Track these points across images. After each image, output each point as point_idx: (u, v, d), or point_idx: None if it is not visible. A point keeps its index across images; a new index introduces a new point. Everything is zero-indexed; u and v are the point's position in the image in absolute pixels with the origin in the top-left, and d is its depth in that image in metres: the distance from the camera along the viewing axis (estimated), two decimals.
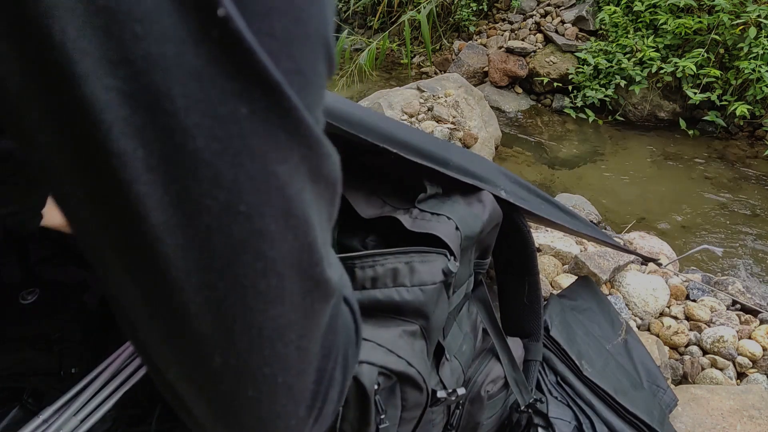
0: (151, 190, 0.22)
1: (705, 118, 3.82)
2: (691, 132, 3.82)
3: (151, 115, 0.20)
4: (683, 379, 1.43)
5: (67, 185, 0.23)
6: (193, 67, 0.21)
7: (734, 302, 1.67)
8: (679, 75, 3.75)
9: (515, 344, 0.97)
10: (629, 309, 1.57)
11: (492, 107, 3.80)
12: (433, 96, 3.32)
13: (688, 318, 1.58)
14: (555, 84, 4.21)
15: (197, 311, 0.24)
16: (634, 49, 3.93)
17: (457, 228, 0.74)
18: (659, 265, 1.70)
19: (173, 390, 0.28)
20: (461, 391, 0.71)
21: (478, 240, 0.79)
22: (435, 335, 0.70)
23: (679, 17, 3.81)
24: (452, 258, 0.70)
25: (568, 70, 4.16)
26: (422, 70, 4.95)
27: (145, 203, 0.22)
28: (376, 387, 0.57)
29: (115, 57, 0.19)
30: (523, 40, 4.49)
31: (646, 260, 1.69)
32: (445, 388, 0.74)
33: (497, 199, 0.86)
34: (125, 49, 0.19)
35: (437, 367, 0.74)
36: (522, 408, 0.91)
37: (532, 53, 4.37)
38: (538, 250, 1.74)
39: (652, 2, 3.92)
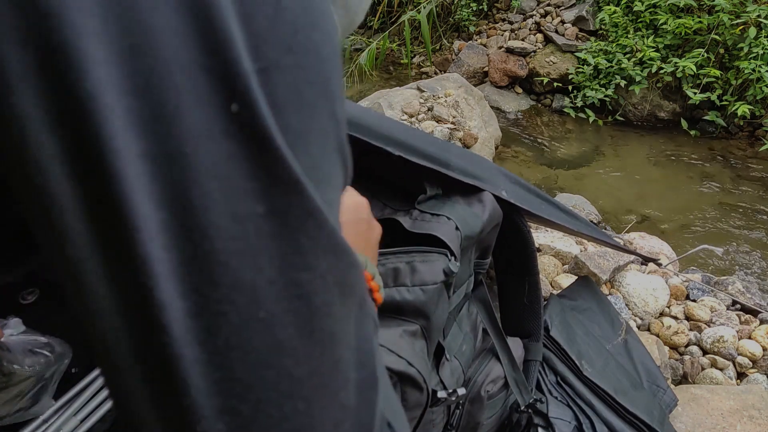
0: (171, 299, 0.20)
1: (705, 118, 3.82)
2: (693, 133, 3.82)
3: (171, 214, 0.20)
4: (683, 379, 1.43)
5: (88, 288, 0.21)
6: (211, 164, 0.20)
7: (734, 302, 1.67)
8: (679, 75, 3.75)
9: (515, 344, 0.97)
10: (629, 309, 1.57)
11: (492, 107, 3.80)
12: (433, 96, 3.32)
13: (688, 318, 1.58)
14: (555, 84, 4.21)
15: None
16: (634, 49, 3.93)
17: (457, 228, 0.74)
18: (659, 265, 1.70)
19: None
20: (461, 391, 0.71)
21: (479, 240, 0.79)
22: (435, 335, 0.70)
23: (679, 17, 3.81)
24: (453, 258, 0.70)
25: (568, 70, 4.16)
26: (422, 70, 4.95)
27: (165, 313, 0.20)
28: None
29: (142, 153, 0.20)
30: (523, 40, 4.49)
31: (646, 260, 1.69)
32: (445, 388, 0.74)
33: (497, 199, 0.86)
34: (151, 146, 0.20)
35: (437, 367, 0.74)
36: (522, 408, 0.91)
37: (532, 53, 4.37)
38: (538, 250, 1.74)
39: (652, 2, 3.92)
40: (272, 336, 0.22)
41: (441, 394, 0.68)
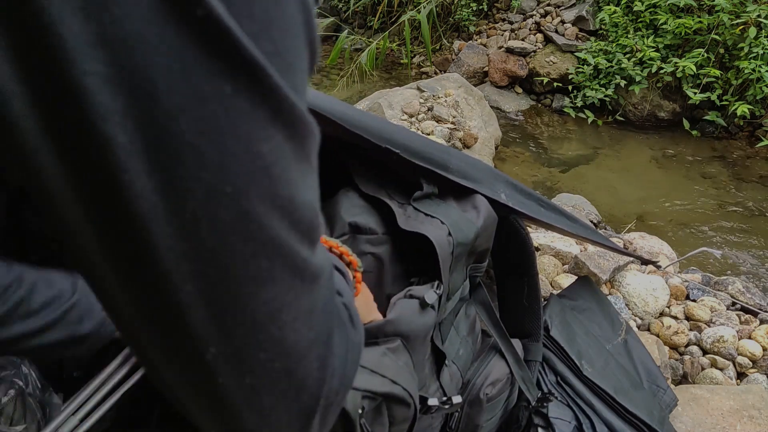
0: (135, 178, 0.21)
1: (705, 118, 3.82)
2: (694, 133, 3.82)
3: (132, 99, 0.20)
4: (683, 379, 1.43)
5: (51, 175, 0.22)
6: (175, 48, 0.20)
7: (734, 302, 1.67)
8: (679, 75, 3.75)
9: (515, 345, 0.97)
10: (629, 309, 1.57)
11: (492, 107, 3.80)
12: (433, 96, 3.32)
13: (688, 318, 1.58)
14: (555, 84, 4.21)
15: (189, 302, 0.24)
16: (634, 49, 3.93)
17: (449, 234, 0.73)
18: (658, 267, 1.70)
19: (178, 399, 0.28)
20: (457, 399, 0.69)
21: (473, 246, 0.79)
22: (419, 346, 0.69)
23: (679, 17, 3.81)
24: (437, 284, 0.69)
25: (568, 70, 4.16)
26: (422, 70, 4.95)
27: (129, 191, 0.21)
28: (360, 411, 0.57)
29: (93, 40, 0.20)
30: (523, 40, 4.48)
31: (645, 262, 1.69)
32: (445, 393, 0.73)
33: (494, 203, 0.86)
34: (104, 32, 0.20)
35: (438, 373, 0.73)
36: (532, 404, 0.91)
37: (532, 53, 4.37)
38: (537, 249, 1.74)
39: (652, 2, 3.92)
40: (238, 207, 0.23)
41: (432, 401, 0.67)
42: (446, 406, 0.68)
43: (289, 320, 0.27)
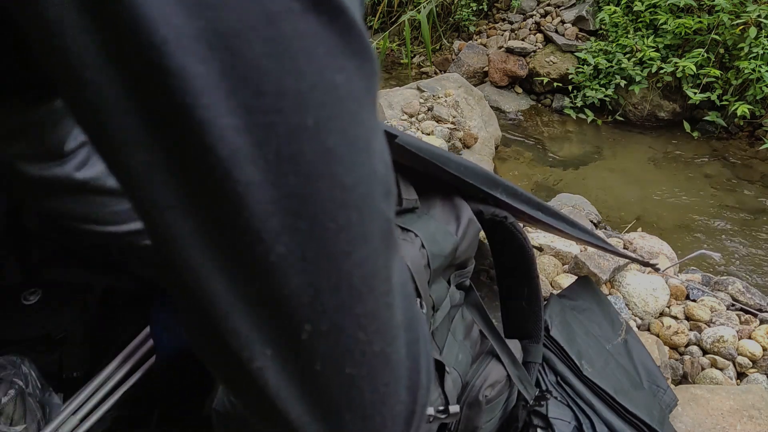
0: (214, 114, 0.19)
1: (705, 118, 3.82)
2: (695, 134, 3.82)
3: (201, 19, 0.18)
4: (683, 379, 1.44)
5: (121, 118, 0.20)
6: None
7: (734, 302, 1.67)
8: (679, 75, 3.75)
9: (514, 347, 0.97)
10: (629, 309, 1.57)
11: (492, 107, 3.80)
12: (433, 96, 3.32)
13: (688, 318, 1.58)
14: (555, 84, 4.21)
15: (280, 264, 0.21)
16: (634, 49, 3.93)
17: (422, 246, 0.72)
18: (657, 270, 1.70)
19: (259, 390, 0.24)
20: (454, 409, 0.69)
21: (453, 258, 0.78)
22: None
23: (679, 17, 3.81)
24: (419, 300, 0.68)
25: (568, 70, 4.16)
26: (422, 70, 4.95)
27: (209, 131, 0.19)
28: None
29: None
30: (523, 40, 4.49)
31: (643, 265, 1.69)
32: (447, 401, 0.73)
33: (494, 204, 0.85)
34: None
35: (441, 381, 0.73)
36: (530, 403, 0.91)
37: (532, 53, 4.37)
38: (540, 250, 1.74)
39: (652, 2, 3.92)
40: (321, 143, 0.21)
41: (428, 411, 0.67)
42: (443, 416, 0.68)
43: (383, 291, 0.24)
